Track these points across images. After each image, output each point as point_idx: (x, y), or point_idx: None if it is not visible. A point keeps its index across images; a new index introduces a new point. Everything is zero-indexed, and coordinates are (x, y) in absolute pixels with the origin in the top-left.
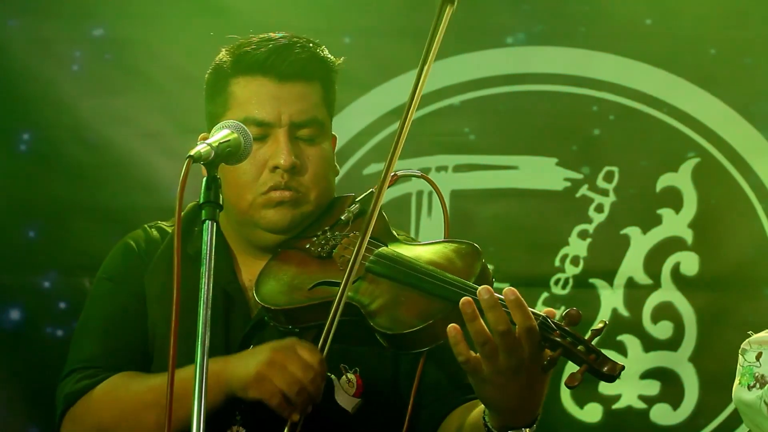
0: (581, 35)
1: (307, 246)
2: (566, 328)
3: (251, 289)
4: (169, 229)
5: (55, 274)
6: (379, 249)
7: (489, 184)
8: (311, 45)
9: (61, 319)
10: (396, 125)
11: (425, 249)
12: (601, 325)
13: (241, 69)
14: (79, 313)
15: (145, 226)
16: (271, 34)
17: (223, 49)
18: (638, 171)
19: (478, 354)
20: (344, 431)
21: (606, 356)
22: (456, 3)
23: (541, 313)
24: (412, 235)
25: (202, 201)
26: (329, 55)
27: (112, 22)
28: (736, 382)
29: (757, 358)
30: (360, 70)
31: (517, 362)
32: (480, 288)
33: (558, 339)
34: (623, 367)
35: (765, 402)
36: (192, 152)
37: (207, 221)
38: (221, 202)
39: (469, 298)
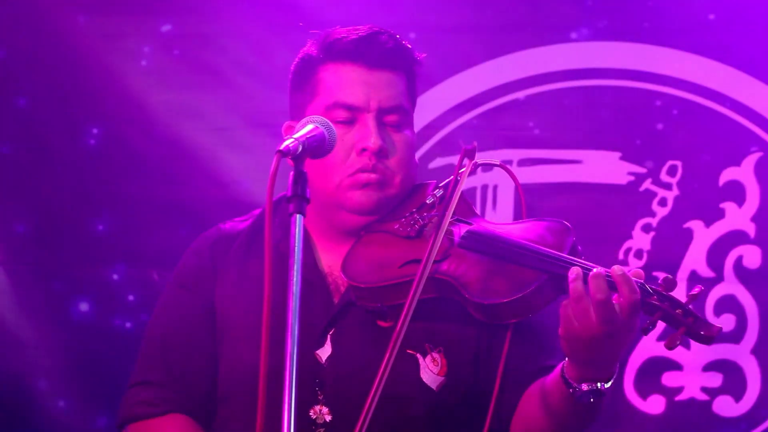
0: (645, 30)
1: (396, 227)
2: (664, 292)
3: (330, 275)
4: (241, 225)
5: (123, 266)
6: (470, 226)
7: (553, 178)
8: (397, 36)
9: (129, 311)
10: (461, 119)
11: (515, 226)
12: (697, 290)
13: (331, 56)
14: (146, 305)
15: (219, 224)
16: (358, 25)
17: (309, 41)
18: (701, 165)
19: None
20: (429, 409)
21: (703, 319)
22: (475, 157)
23: (639, 280)
24: None
25: (290, 194)
26: (414, 49)
27: (180, 18)
28: None
29: None
30: (426, 65)
31: (612, 329)
32: (573, 267)
33: (657, 303)
34: (720, 329)
35: None
36: (281, 147)
37: (295, 214)
38: (308, 195)
39: (579, 267)
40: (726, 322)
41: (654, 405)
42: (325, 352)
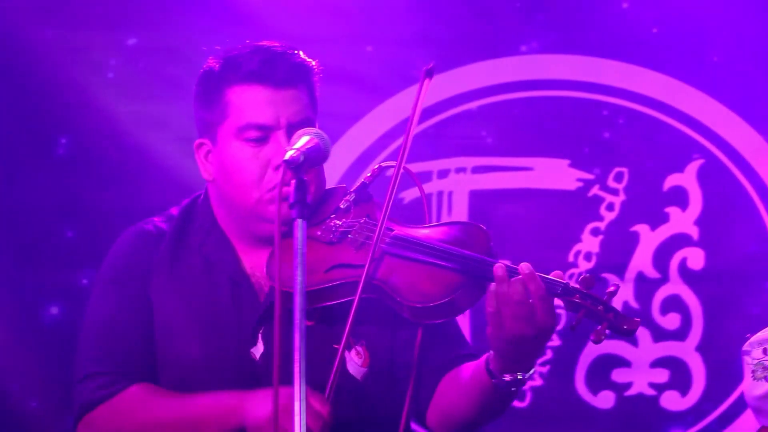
0: (592, 44)
1: (318, 233)
2: (584, 291)
3: (253, 275)
4: (163, 225)
5: (92, 272)
6: (393, 232)
7: (506, 184)
8: (296, 52)
9: None
10: (417, 129)
11: (433, 230)
12: (614, 287)
13: (238, 78)
14: None
15: (141, 223)
16: (258, 44)
17: (210, 58)
18: (646, 171)
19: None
20: (356, 397)
21: (623, 314)
22: (433, 77)
23: (561, 281)
24: None
25: (293, 201)
26: (310, 60)
27: (144, 31)
28: (748, 380)
29: (765, 353)
30: (382, 77)
31: (533, 328)
32: (495, 265)
33: (579, 301)
34: (640, 323)
35: None
36: (286, 157)
37: (297, 219)
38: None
39: (503, 264)
40: (671, 320)
41: (604, 400)
42: (258, 350)
